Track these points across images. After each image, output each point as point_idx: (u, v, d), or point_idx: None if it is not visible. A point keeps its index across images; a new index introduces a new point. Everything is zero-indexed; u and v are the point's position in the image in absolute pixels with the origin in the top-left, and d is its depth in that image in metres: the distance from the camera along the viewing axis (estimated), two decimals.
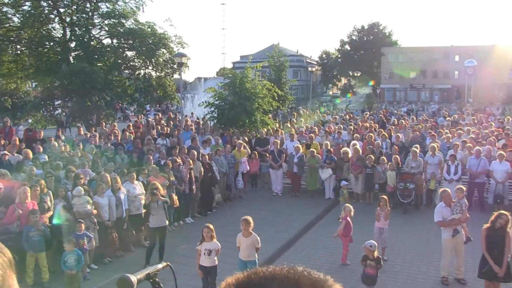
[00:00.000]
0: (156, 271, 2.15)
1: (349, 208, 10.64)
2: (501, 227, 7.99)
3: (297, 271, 1.10)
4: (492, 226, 8.06)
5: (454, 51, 76.67)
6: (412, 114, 36.79)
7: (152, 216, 10.55)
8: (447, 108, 41.42)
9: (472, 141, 17.13)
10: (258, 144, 18.66)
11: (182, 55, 19.82)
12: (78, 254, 8.90)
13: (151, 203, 10.49)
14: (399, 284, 9.48)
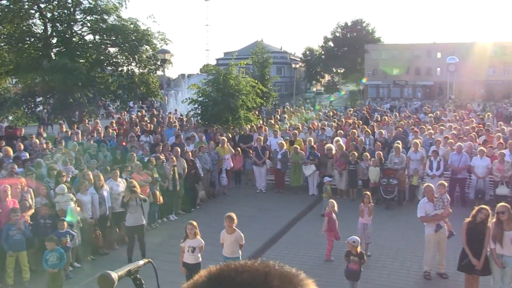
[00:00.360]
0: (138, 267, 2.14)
1: (332, 204, 10.66)
2: (481, 222, 8.13)
3: (268, 265, 1.12)
4: (473, 220, 8.20)
5: (436, 48, 77.40)
6: (395, 111, 37.07)
7: (129, 214, 10.43)
8: (430, 105, 41.86)
9: (453, 137, 17.33)
10: (241, 141, 18.66)
11: (165, 52, 19.77)
12: (61, 253, 8.81)
13: (129, 201, 10.39)
14: (382, 279, 9.57)
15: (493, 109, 35.93)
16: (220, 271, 1.11)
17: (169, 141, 17.25)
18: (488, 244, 8.03)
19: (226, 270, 1.10)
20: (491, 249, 8.02)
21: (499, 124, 23.55)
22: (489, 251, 8.07)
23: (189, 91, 24.82)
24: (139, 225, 10.50)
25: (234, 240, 8.63)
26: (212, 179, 16.12)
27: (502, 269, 7.95)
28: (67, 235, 9.50)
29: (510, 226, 7.91)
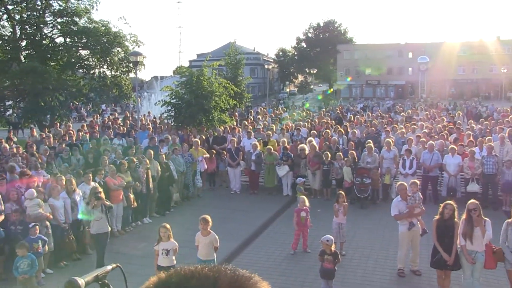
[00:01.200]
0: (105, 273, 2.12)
1: (303, 199, 11.10)
2: (450, 218, 8.28)
3: (218, 270, 1.11)
4: (442, 217, 8.35)
5: (408, 48, 78.63)
6: (368, 110, 37.50)
7: (95, 222, 10.11)
8: (402, 104, 42.42)
9: (425, 135, 17.60)
10: (215, 143, 18.62)
11: (137, 54, 19.57)
12: (32, 259, 8.63)
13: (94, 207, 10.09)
14: (357, 278, 9.66)
15: (463, 108, 36.62)
16: (169, 277, 1.10)
17: (142, 144, 17.11)
18: (457, 239, 8.19)
19: (175, 276, 1.09)
20: (461, 245, 8.17)
21: (469, 122, 23.98)
22: (460, 247, 8.23)
23: (162, 93, 24.67)
24: (104, 233, 10.22)
25: (209, 242, 8.60)
26: (186, 181, 16.04)
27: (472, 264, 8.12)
28: (39, 241, 9.32)
29: (480, 222, 8.08)
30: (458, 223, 8.24)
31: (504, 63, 68.19)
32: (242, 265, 8.18)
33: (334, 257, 8.43)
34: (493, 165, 14.45)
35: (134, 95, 25.05)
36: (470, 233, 8.00)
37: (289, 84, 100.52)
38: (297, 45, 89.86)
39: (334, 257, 8.43)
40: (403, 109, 34.92)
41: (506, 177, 14.17)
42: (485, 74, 72.32)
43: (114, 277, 2.26)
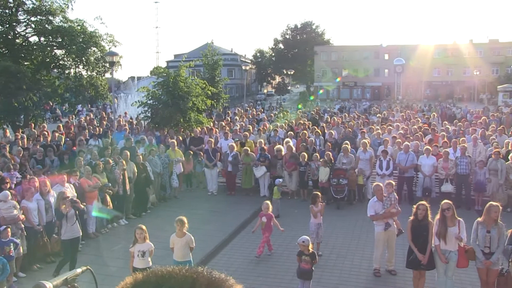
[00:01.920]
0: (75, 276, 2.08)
1: (267, 205, 11.00)
2: (424, 218, 8.40)
3: (196, 271, 1.11)
4: (416, 217, 8.47)
5: (384, 50, 79.55)
6: (345, 111, 37.79)
7: (66, 227, 9.74)
8: (378, 105, 42.86)
9: (401, 136, 17.82)
10: (192, 143, 18.55)
11: (114, 54, 19.38)
12: (3, 263, 8.46)
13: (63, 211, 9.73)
14: (333, 278, 9.71)
15: (438, 109, 37.16)
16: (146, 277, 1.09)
17: (118, 145, 16.96)
18: (432, 239, 8.31)
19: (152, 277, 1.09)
20: (435, 245, 8.30)
21: (443, 123, 24.40)
22: (434, 247, 8.35)
23: (139, 93, 24.46)
24: (76, 238, 9.92)
25: (185, 243, 8.57)
26: (163, 182, 15.94)
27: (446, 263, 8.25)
28: (11, 244, 9.13)
29: (454, 222, 8.21)
30: (432, 223, 8.37)
31: (477, 66, 69.68)
32: (219, 266, 8.21)
33: (312, 257, 8.47)
34: (466, 166, 14.70)
35: (110, 96, 24.78)
36: (443, 233, 8.13)
37: (266, 85, 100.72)
38: (274, 46, 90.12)
39: (311, 257, 8.46)
40: (379, 110, 35.30)
41: (478, 177, 14.44)
42: (459, 77, 73.68)
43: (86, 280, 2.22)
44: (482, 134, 17.93)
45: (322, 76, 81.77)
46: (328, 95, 78.64)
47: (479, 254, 8.07)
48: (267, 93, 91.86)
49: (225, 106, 38.01)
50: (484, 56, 73.60)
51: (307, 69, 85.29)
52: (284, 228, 11.22)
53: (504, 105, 39.08)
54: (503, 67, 69.92)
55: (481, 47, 75.31)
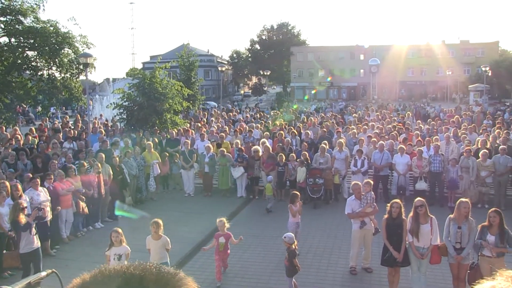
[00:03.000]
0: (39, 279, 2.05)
1: (222, 223, 9.79)
2: (398, 216, 8.53)
3: (144, 268, 1.11)
4: (390, 215, 8.59)
5: (359, 50, 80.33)
6: (321, 111, 38.03)
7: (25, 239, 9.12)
8: (354, 105, 43.23)
9: (376, 136, 18.01)
10: (168, 145, 18.46)
11: (88, 55, 19.11)
12: None
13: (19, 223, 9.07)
14: (310, 277, 9.77)
15: (412, 109, 37.67)
16: (93, 277, 1.09)
17: (93, 147, 16.77)
18: (406, 237, 8.45)
19: (99, 276, 1.09)
20: (409, 242, 8.44)
21: (417, 122, 24.74)
22: (408, 244, 8.49)
23: (114, 95, 24.23)
24: (35, 249, 9.34)
25: (161, 245, 8.54)
26: (139, 184, 15.82)
27: (420, 259, 8.40)
28: None
29: (426, 219, 8.37)
30: (406, 221, 8.51)
31: (449, 66, 70.93)
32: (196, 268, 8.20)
33: (289, 255, 8.53)
34: (440, 164, 14.96)
35: (84, 98, 24.46)
36: (416, 230, 8.28)
37: (243, 86, 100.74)
38: (251, 47, 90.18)
39: (288, 254, 8.53)
40: (355, 110, 35.62)
41: (451, 174, 14.70)
42: (433, 77, 74.92)
43: None
44: (455, 132, 18.27)
45: (298, 76, 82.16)
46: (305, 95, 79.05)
47: (450, 249, 8.25)
48: (244, 94, 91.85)
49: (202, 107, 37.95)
50: (456, 57, 74.98)
51: (284, 69, 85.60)
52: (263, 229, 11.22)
53: (475, 104, 39.83)
54: (474, 67, 71.27)
55: (453, 47, 76.70)
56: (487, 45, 76.35)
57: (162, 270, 1.12)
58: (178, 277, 1.12)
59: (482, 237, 8.00)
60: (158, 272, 1.11)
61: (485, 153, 14.68)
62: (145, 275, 1.09)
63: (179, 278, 1.11)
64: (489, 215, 8.05)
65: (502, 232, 7.90)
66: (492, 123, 23.90)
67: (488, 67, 48.93)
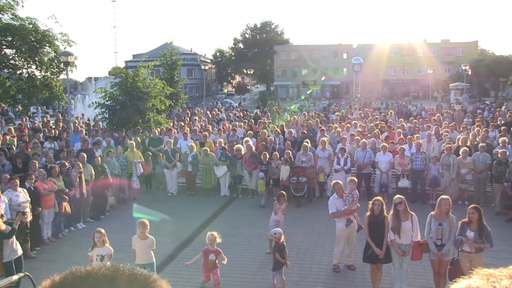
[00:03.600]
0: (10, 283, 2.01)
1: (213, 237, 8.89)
2: (380, 213, 8.62)
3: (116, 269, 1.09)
4: (372, 213, 8.67)
5: (342, 49, 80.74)
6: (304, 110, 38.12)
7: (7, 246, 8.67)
8: (337, 104, 43.44)
9: (359, 134, 18.13)
10: (151, 144, 18.35)
11: (68, 54, 18.89)
12: None
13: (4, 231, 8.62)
14: (293, 275, 9.77)
15: (395, 107, 37.97)
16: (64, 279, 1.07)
17: (75, 147, 16.61)
18: (388, 234, 8.53)
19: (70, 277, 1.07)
20: (391, 239, 8.52)
21: (399, 121, 24.93)
22: (390, 241, 8.57)
23: (96, 94, 24.00)
24: (17, 258, 8.90)
25: (148, 246, 8.49)
26: (122, 184, 15.69)
27: (401, 256, 8.48)
28: None
29: (407, 216, 8.47)
30: (388, 218, 8.59)
31: (431, 65, 71.72)
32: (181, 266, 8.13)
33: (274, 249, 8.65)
34: (421, 161, 15.11)
35: (66, 97, 24.19)
36: (398, 227, 8.36)
37: (227, 85, 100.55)
38: (234, 46, 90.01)
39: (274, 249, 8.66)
40: (338, 108, 35.80)
41: (433, 172, 14.87)
42: (414, 75, 75.63)
43: None
44: (436, 130, 18.49)
45: (282, 75, 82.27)
46: (288, 93, 79.19)
47: (432, 246, 8.35)
48: (227, 92, 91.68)
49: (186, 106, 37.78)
50: (437, 56, 75.79)
51: (267, 68, 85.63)
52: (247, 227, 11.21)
53: (456, 103, 40.30)
54: (454, 66, 72.08)
55: (434, 46, 77.52)
56: (467, 45, 77.35)
57: (135, 271, 1.10)
58: (152, 279, 1.10)
59: (462, 233, 8.12)
60: (130, 273, 1.09)
61: (465, 150, 14.87)
62: (117, 276, 1.07)
63: (152, 280, 1.10)
64: (469, 212, 8.17)
65: (481, 228, 8.03)
66: (472, 121, 24.20)
67: (468, 66, 49.51)
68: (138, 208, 13.55)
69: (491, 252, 9.21)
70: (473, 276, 0.97)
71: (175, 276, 9.74)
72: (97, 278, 1.05)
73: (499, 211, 13.83)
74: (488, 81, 66.88)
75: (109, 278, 1.05)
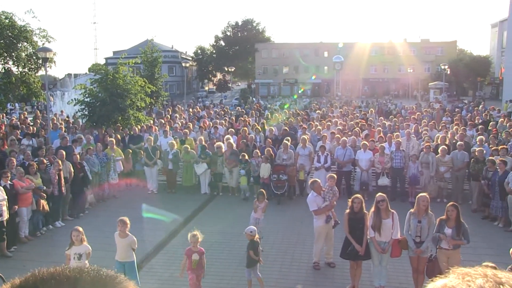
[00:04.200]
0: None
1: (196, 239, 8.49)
2: (360, 210, 8.68)
3: (80, 270, 1.06)
4: (352, 210, 8.73)
5: (323, 47, 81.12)
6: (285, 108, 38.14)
7: None
8: (318, 102, 43.61)
9: (339, 132, 18.22)
10: (131, 142, 18.20)
11: (47, 50, 18.59)
12: None
13: None
14: (274, 273, 9.80)
15: (375, 105, 38.29)
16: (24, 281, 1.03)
17: (54, 144, 16.38)
18: (367, 231, 8.60)
19: (31, 279, 1.03)
20: (371, 237, 8.59)
21: (380, 119, 25.15)
22: (369, 238, 8.64)
23: (76, 91, 23.72)
24: None
25: (127, 244, 8.42)
26: (101, 182, 15.53)
27: (381, 253, 8.56)
28: None
29: (388, 214, 8.54)
30: (367, 215, 8.66)
31: (411, 64, 72.52)
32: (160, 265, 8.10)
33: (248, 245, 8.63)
34: (401, 160, 15.26)
35: (44, 93, 23.83)
36: (378, 225, 8.43)
37: (208, 83, 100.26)
38: (215, 43, 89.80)
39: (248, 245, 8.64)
40: (319, 106, 35.93)
41: (412, 170, 15.02)
42: (395, 74, 76.42)
43: None
44: (415, 129, 18.68)
45: (263, 73, 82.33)
46: (269, 91, 79.26)
47: (411, 243, 8.45)
48: (208, 90, 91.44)
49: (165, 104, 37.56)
50: (417, 55, 76.67)
51: (248, 66, 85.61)
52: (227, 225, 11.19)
53: (435, 101, 40.81)
54: (434, 66, 73.02)
55: (414, 46, 78.39)
56: (446, 44, 78.34)
57: (101, 273, 1.07)
58: (118, 280, 1.07)
59: (440, 230, 8.23)
60: (95, 274, 1.06)
61: (444, 149, 15.06)
62: (80, 277, 1.03)
63: (118, 281, 1.06)
64: (447, 209, 8.28)
65: (459, 225, 8.15)
66: (451, 120, 24.52)
67: (447, 65, 50.11)
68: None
69: (468, 248, 9.38)
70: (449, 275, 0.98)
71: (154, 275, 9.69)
72: (59, 280, 1.02)
73: (476, 208, 14.04)
74: (467, 81, 67.89)
75: (72, 280, 1.02)
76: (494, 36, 69.77)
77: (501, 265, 7.52)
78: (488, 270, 0.95)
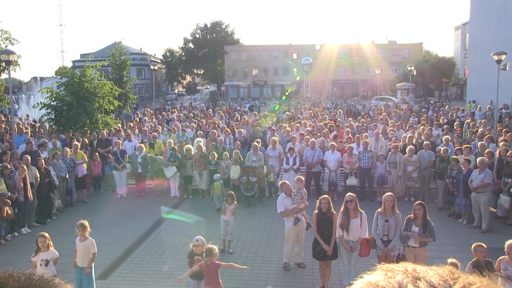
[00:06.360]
0: None
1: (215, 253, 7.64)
2: (328, 210, 8.78)
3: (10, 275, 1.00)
4: (320, 210, 8.82)
5: (292, 49, 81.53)
6: (255, 110, 38.28)
7: None
8: (287, 103, 43.83)
9: (308, 133, 18.35)
10: (100, 145, 17.95)
11: (10, 52, 18.12)
12: None
13: None
14: (244, 274, 9.79)
15: (344, 107, 38.72)
16: None
17: (19, 149, 16.02)
18: (336, 231, 8.70)
19: None
20: (339, 236, 8.69)
21: (348, 120, 25.43)
22: (338, 238, 8.74)
23: (42, 95, 23.27)
24: None
25: (85, 248, 8.30)
26: (69, 187, 15.28)
27: (350, 252, 8.67)
28: None
29: (356, 214, 8.66)
30: (336, 215, 8.76)
31: (379, 66, 73.62)
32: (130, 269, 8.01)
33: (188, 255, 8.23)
34: (369, 160, 15.47)
35: (8, 97, 23.29)
36: (347, 224, 8.54)
37: (177, 85, 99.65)
38: (184, 46, 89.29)
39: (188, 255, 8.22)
40: (288, 108, 36.13)
41: (380, 170, 15.25)
42: (363, 75, 77.42)
43: None
44: (383, 129, 18.95)
45: (232, 75, 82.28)
46: (239, 93, 79.25)
47: (378, 242, 8.59)
48: (178, 92, 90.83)
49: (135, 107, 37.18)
50: (384, 56, 77.83)
51: (218, 68, 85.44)
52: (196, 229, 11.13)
53: (402, 102, 41.51)
54: (401, 67, 74.23)
55: (381, 47, 79.53)
56: (413, 46, 79.76)
57: (33, 277, 1.02)
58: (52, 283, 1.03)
59: (407, 228, 8.40)
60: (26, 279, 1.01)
61: (412, 149, 15.33)
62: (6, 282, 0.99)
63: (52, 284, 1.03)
64: (414, 208, 8.46)
65: (425, 223, 8.33)
66: (418, 120, 24.98)
67: (413, 66, 51.06)
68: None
69: (435, 245, 9.58)
70: (375, 271, 1.01)
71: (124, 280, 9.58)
72: None
73: (442, 206, 14.35)
74: (433, 81, 69.23)
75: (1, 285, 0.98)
76: (458, 38, 71.36)
77: (464, 261, 7.77)
78: (410, 265, 0.98)
